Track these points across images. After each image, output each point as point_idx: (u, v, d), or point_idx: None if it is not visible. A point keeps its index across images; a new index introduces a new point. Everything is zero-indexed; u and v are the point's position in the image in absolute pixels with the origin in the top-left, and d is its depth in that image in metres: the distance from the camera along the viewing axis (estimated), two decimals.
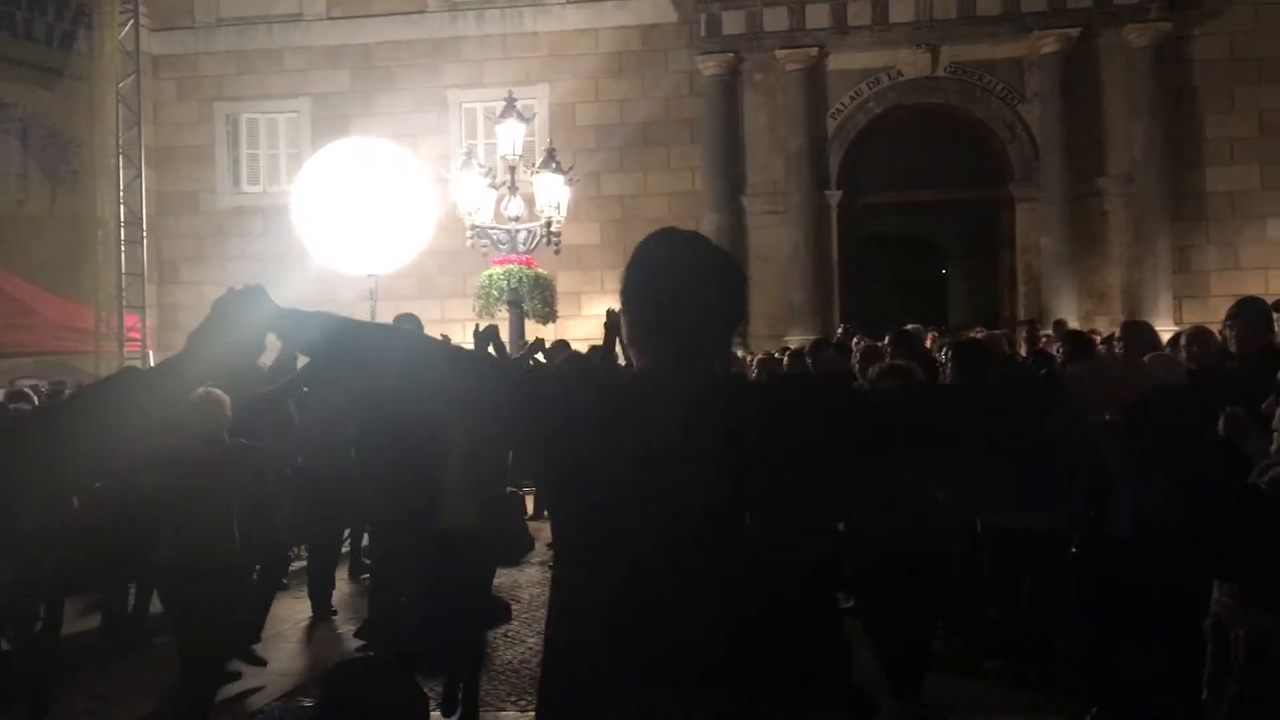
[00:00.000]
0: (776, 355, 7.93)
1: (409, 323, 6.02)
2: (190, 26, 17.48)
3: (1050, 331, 11.96)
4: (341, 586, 8.24)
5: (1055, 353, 7.94)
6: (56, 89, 10.64)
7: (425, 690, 5.07)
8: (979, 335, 9.46)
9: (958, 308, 20.18)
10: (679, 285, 1.88)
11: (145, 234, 13.14)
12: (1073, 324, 13.60)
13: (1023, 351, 10.70)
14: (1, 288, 10.36)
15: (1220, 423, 4.31)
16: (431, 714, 5.19)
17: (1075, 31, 14.75)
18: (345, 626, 7.24)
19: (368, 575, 8.79)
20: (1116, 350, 7.14)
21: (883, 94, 15.50)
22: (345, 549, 8.70)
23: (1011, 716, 5.26)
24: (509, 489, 6.26)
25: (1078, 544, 4.91)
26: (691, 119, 16.20)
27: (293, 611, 7.56)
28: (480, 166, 12.79)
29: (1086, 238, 14.94)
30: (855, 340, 10.19)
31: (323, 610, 7.49)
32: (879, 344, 8.47)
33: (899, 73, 15.43)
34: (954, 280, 21.98)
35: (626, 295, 1.95)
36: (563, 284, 14.69)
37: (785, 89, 15.51)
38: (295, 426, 5.98)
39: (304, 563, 8.14)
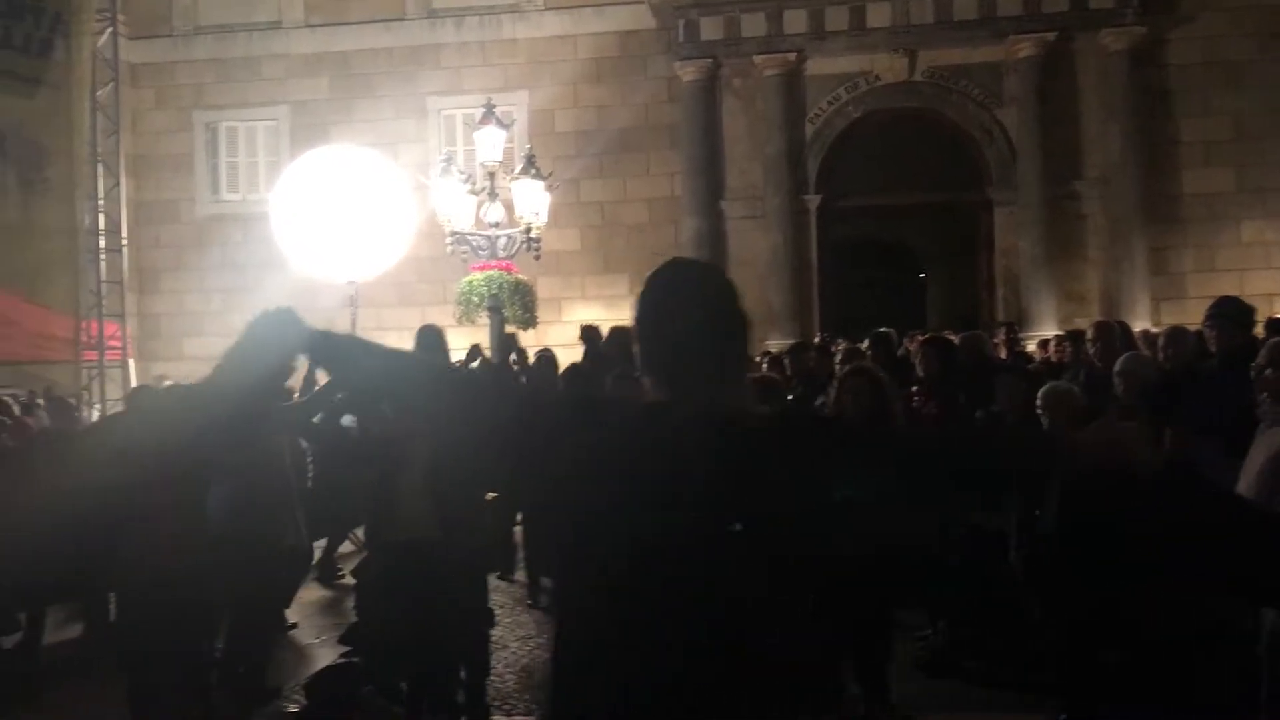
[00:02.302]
0: (773, 375, 7.98)
1: (431, 334, 5.99)
2: (169, 34, 17.44)
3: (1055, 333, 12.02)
4: (315, 591, 8.25)
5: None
6: (35, 97, 10.58)
7: (411, 696, 5.11)
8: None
9: (936, 311, 20.30)
10: (684, 319, 1.91)
11: (125, 242, 13.07)
12: (1052, 327, 13.72)
13: (1003, 354, 10.79)
14: None
15: (1167, 438, 4.38)
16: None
17: (1051, 36, 14.86)
18: (329, 633, 7.23)
19: (341, 578, 8.84)
20: (1090, 351, 7.23)
21: (860, 98, 15.58)
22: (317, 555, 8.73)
23: (988, 714, 5.31)
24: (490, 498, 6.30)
25: (1019, 544, 5.01)
26: (670, 125, 16.24)
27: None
28: (460, 173, 12.78)
29: (1064, 241, 15.05)
30: (835, 344, 10.26)
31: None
32: (859, 346, 8.53)
33: (876, 77, 15.51)
34: (933, 284, 22.11)
35: (637, 327, 1.98)
36: (543, 290, 14.71)
37: (764, 94, 15.57)
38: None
39: None
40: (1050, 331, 13.08)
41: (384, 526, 5.35)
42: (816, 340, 11.59)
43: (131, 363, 13.46)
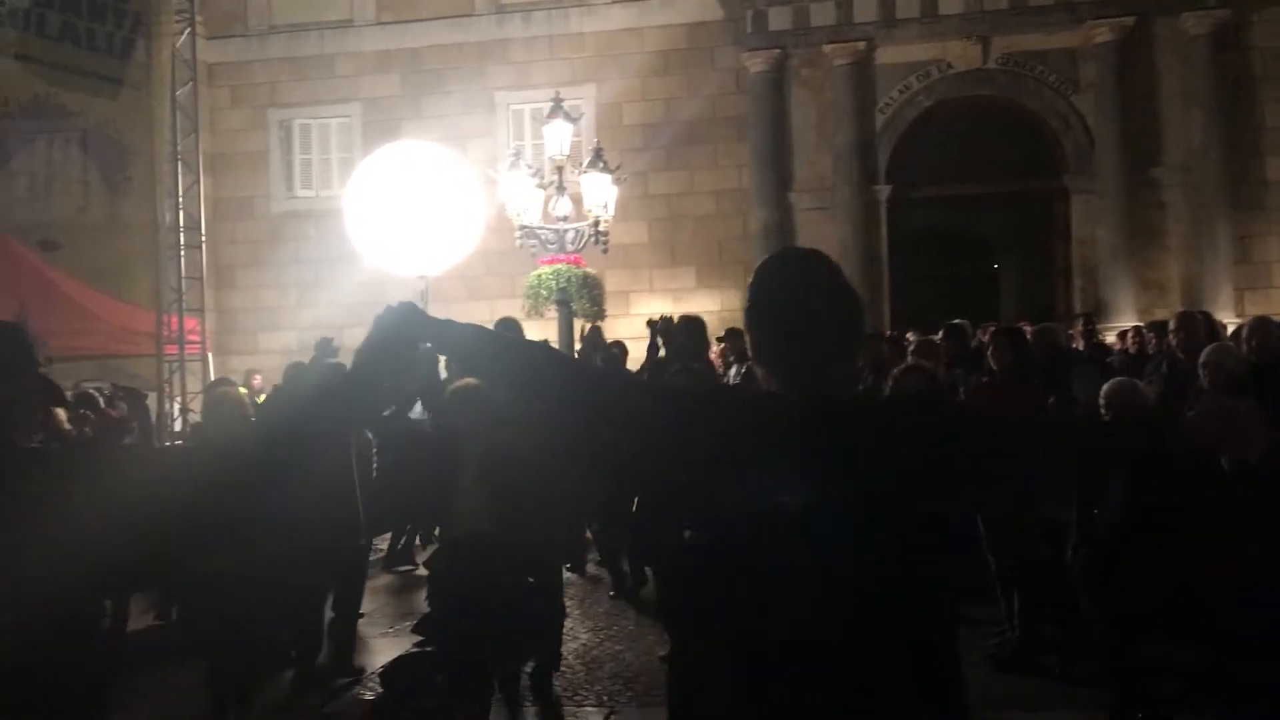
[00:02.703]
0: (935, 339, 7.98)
1: (509, 328, 6.08)
2: (244, 34, 17.78)
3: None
4: (387, 580, 8.36)
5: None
6: (117, 98, 10.85)
7: (489, 685, 5.16)
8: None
9: (1010, 302, 19.93)
10: (796, 306, 1.93)
11: (204, 239, 13.37)
12: (1131, 318, 13.40)
13: (1080, 345, 10.55)
14: (64, 292, 10.60)
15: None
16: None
17: (1130, 20, 14.50)
18: (401, 622, 7.33)
19: (406, 568, 8.97)
20: (1172, 342, 7.03)
21: (932, 87, 15.36)
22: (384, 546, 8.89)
23: (1067, 713, 5.20)
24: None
25: (1076, 542, 4.91)
26: (738, 116, 16.16)
27: None
28: (528, 167, 12.86)
29: (1143, 229, 14.69)
30: (908, 334, 10.12)
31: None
32: (933, 338, 8.41)
33: (949, 65, 15.27)
34: (1006, 274, 21.72)
35: (749, 315, 2.00)
36: (610, 283, 14.72)
37: (833, 84, 15.42)
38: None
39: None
40: (1129, 322, 12.77)
41: (445, 520, 5.41)
42: (888, 334, 11.45)
43: (210, 356, 13.77)
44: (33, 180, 11.29)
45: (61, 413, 7.02)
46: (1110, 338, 12.21)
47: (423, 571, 7.91)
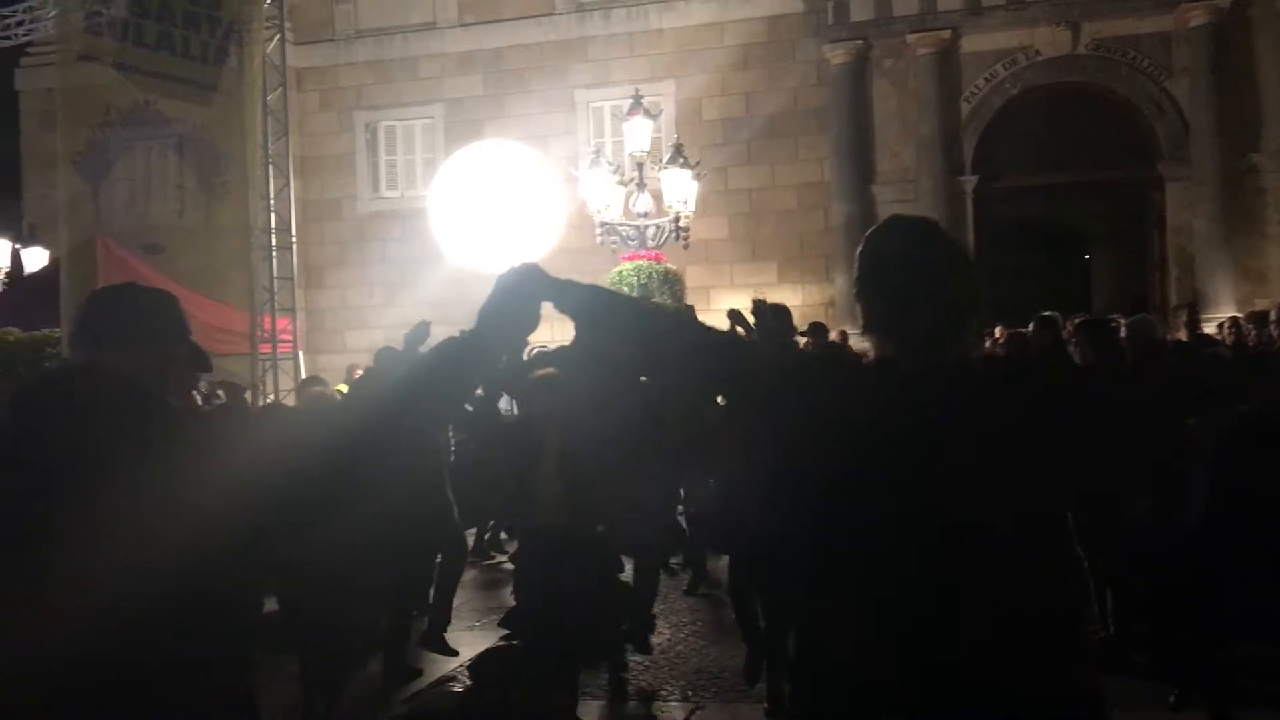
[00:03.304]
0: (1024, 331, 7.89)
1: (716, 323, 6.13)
2: (331, 39, 18.15)
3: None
4: (474, 574, 8.46)
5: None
6: (211, 104, 11.18)
7: (573, 678, 5.21)
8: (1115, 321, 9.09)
9: (1103, 294, 19.44)
10: (911, 275, 1.91)
11: (294, 240, 13.71)
12: (1230, 308, 12.96)
13: (1183, 336, 10.24)
14: None
15: None
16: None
17: (1225, 3, 14.01)
18: (487, 616, 7.43)
19: (492, 561, 9.09)
20: (1273, 333, 6.79)
21: (1019, 74, 15.03)
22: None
23: (1163, 713, 5.07)
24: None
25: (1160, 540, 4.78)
26: (819, 109, 16.01)
27: None
28: (608, 164, 12.93)
29: (1242, 217, 14.19)
30: (995, 328, 9.93)
31: None
32: (1023, 331, 8.23)
33: (1036, 52, 14.93)
34: (1098, 266, 21.19)
35: (860, 285, 1.98)
36: (691, 279, 14.73)
37: (916, 74, 15.19)
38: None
39: None
40: (1227, 313, 12.36)
41: (525, 512, 5.48)
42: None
43: (300, 355, 14.10)
44: (133, 186, 11.70)
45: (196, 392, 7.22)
46: (1209, 328, 11.83)
47: (509, 565, 8.03)
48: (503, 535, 9.56)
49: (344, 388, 8.53)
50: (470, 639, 6.91)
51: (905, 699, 1.76)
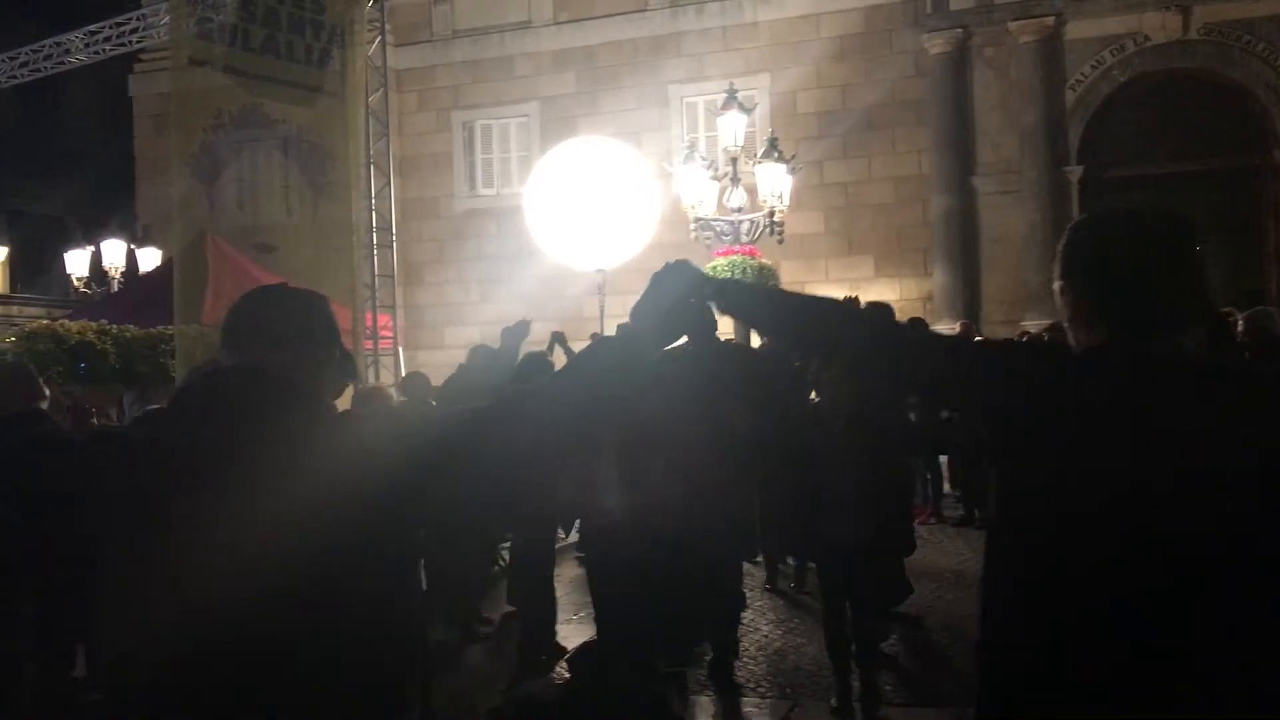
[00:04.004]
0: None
1: (881, 311, 6.14)
2: (429, 40, 18.47)
3: None
4: (572, 569, 8.51)
5: None
6: (315, 105, 11.45)
7: (658, 671, 5.22)
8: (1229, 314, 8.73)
9: (1216, 286, 18.73)
10: (1121, 258, 1.86)
11: (394, 239, 13.99)
12: None
13: None
14: None
15: None
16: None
17: None
18: (585, 610, 7.47)
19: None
20: None
21: (1127, 61, 14.57)
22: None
23: None
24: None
25: None
26: (917, 100, 15.74)
27: None
28: (702, 159, 12.90)
29: None
30: None
31: None
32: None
33: (1145, 38, 14.45)
34: (1210, 258, 20.40)
35: (1069, 274, 1.92)
36: (786, 274, 14.62)
37: (1019, 62, 14.83)
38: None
39: None
40: None
41: (586, 509, 5.50)
42: None
43: (400, 351, 14.37)
44: (244, 187, 12.05)
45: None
46: None
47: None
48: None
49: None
50: (569, 631, 6.96)
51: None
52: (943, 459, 10.43)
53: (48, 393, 4.32)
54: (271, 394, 1.78)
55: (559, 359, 7.12)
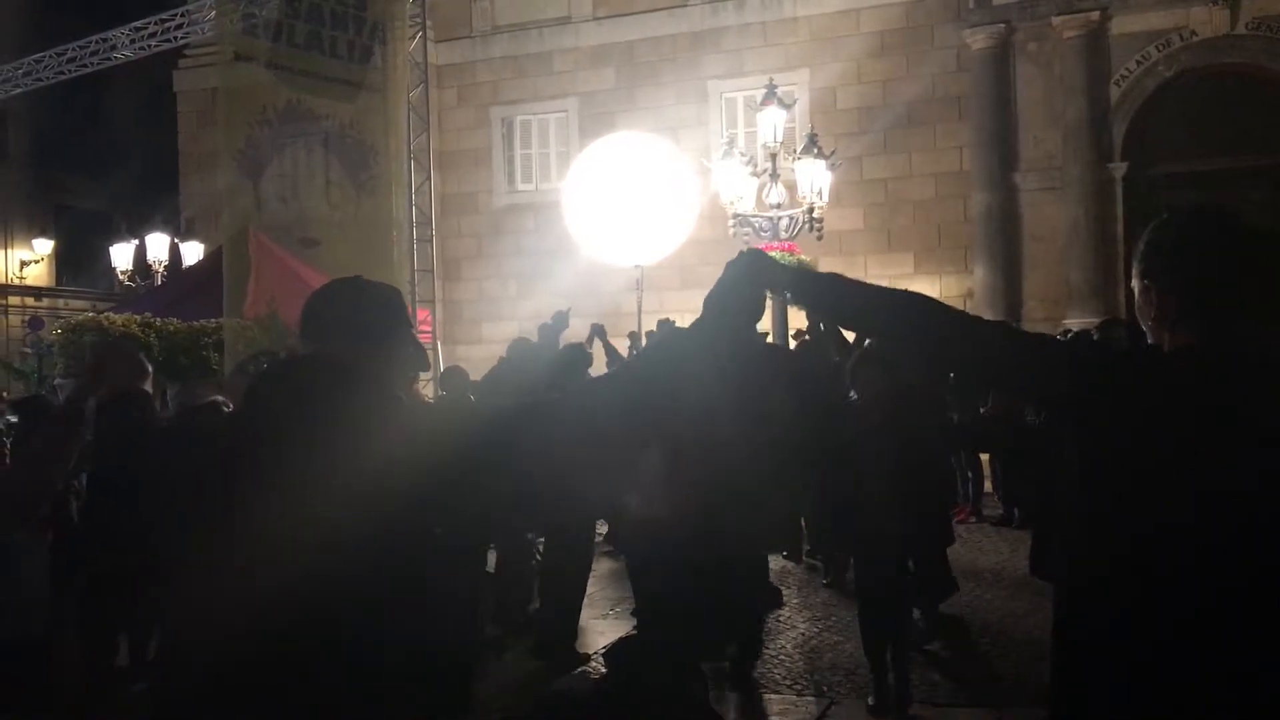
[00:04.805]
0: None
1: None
2: (468, 36, 18.54)
3: None
4: (606, 564, 8.52)
5: None
6: (356, 101, 11.55)
7: (703, 669, 5.21)
8: None
9: None
10: (1220, 264, 1.83)
11: (433, 234, 14.08)
12: None
13: None
14: (312, 288, 11.31)
15: None
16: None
17: None
18: (621, 605, 7.49)
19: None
20: None
21: (1173, 56, 14.34)
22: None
23: None
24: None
25: None
26: (959, 96, 15.60)
27: None
28: (741, 155, 12.87)
29: None
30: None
31: None
32: None
33: (1192, 33, 14.22)
34: None
35: (1155, 273, 1.88)
36: (825, 270, 14.54)
37: (1062, 58, 14.64)
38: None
39: None
40: None
41: (629, 506, 5.50)
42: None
43: (439, 345, 14.47)
44: (288, 182, 12.16)
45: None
46: None
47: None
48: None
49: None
50: (604, 627, 6.99)
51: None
52: (984, 457, 10.35)
53: (150, 370, 4.31)
54: (342, 384, 1.81)
55: (599, 352, 7.13)
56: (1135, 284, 1.92)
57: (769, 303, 2.04)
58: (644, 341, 9.72)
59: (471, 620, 5.42)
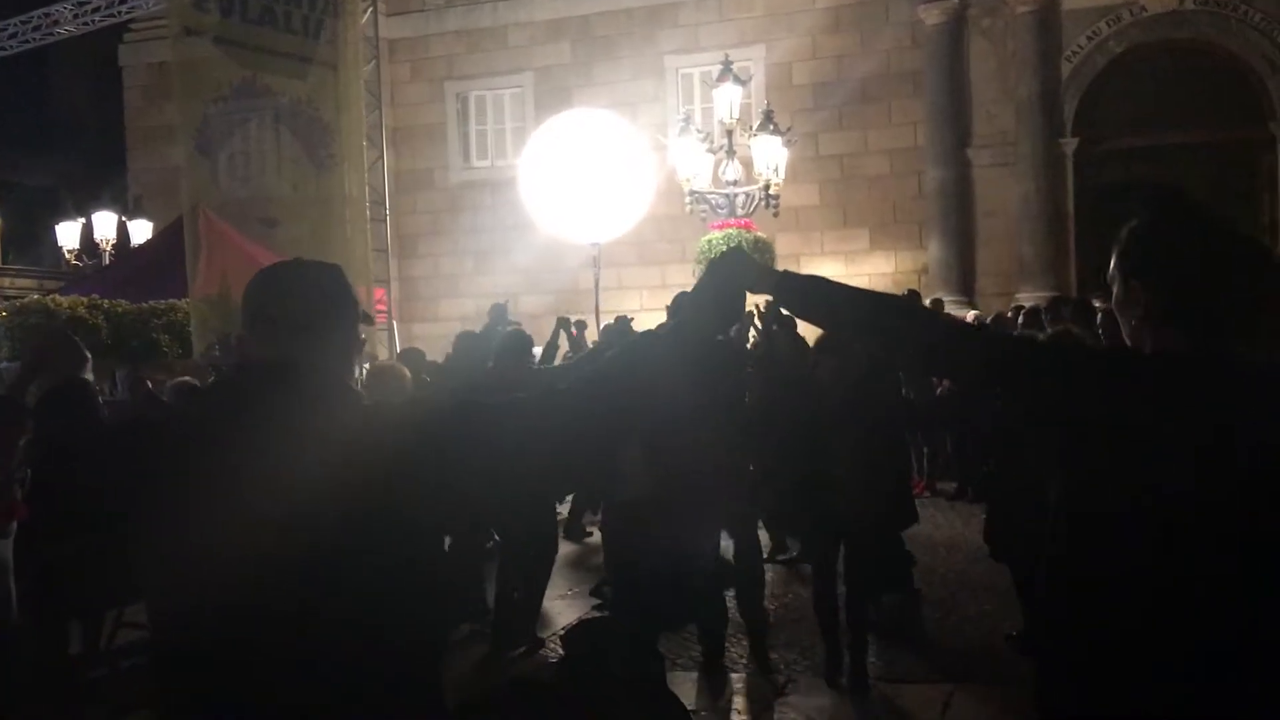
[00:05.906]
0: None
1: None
2: (421, 10, 18.29)
3: None
4: (564, 547, 8.53)
5: None
6: (308, 77, 11.34)
7: (661, 649, 5.25)
8: None
9: None
10: (1204, 264, 1.81)
11: (388, 212, 13.91)
12: None
13: None
14: (263, 266, 11.12)
15: None
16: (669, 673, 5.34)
17: None
18: (578, 587, 7.51)
19: (590, 535, 9.15)
20: None
21: (1124, 32, 14.49)
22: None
23: None
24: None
25: None
26: (913, 71, 15.65)
27: None
28: (698, 132, 12.85)
29: None
30: (1095, 299, 9.65)
31: None
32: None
33: (1142, 8, 14.37)
34: None
35: (1143, 272, 1.87)
36: (782, 246, 14.59)
37: (1015, 33, 14.75)
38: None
39: None
40: None
41: (610, 486, 5.52)
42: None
43: (395, 325, 14.35)
44: (245, 160, 11.94)
45: None
46: None
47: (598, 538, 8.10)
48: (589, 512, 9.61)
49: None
50: (562, 608, 7.01)
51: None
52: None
53: (89, 357, 4.15)
54: (294, 392, 1.76)
55: (563, 344, 7.11)
56: (1117, 281, 1.90)
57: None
58: (598, 332, 9.66)
59: (439, 608, 5.40)
